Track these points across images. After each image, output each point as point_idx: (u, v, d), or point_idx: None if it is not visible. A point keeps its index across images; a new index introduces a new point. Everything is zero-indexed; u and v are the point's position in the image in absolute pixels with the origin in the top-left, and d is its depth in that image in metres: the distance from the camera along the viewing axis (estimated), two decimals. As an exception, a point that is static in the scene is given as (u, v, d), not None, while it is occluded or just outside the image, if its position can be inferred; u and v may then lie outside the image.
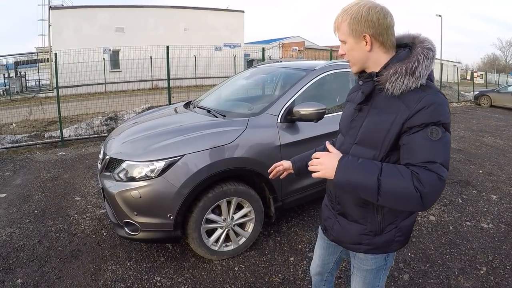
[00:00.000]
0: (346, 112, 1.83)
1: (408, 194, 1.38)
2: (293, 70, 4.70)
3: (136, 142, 3.63)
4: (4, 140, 8.82)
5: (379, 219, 1.69)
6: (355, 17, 1.52)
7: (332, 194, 1.86)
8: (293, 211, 4.70)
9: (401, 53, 1.57)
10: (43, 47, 29.36)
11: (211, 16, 32.30)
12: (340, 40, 1.63)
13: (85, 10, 28.09)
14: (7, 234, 4.20)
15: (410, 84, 1.46)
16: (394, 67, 1.50)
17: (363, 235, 1.73)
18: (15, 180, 6.15)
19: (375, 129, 1.57)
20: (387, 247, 1.74)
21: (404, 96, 1.48)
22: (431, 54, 1.51)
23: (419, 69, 1.47)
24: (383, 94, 1.56)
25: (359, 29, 1.52)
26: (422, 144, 1.42)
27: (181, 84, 15.42)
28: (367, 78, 1.62)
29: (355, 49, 1.58)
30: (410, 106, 1.45)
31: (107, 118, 10.49)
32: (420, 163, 1.41)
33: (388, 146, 1.54)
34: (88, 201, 5.19)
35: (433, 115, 1.42)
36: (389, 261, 1.83)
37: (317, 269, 2.22)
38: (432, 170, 1.39)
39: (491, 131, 11.37)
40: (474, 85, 28.11)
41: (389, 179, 1.41)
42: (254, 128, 3.65)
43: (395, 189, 1.40)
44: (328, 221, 1.92)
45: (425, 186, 1.36)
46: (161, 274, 3.44)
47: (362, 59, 1.61)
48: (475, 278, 3.38)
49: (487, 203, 5.20)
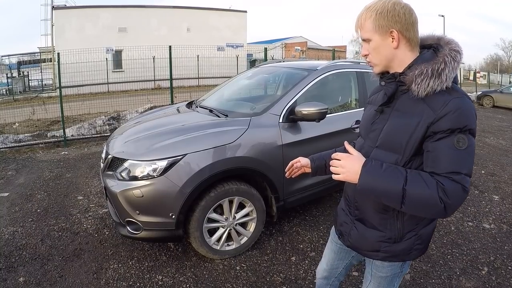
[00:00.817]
0: (366, 115, 1.79)
1: (432, 205, 1.35)
2: (295, 70, 4.70)
3: (138, 142, 3.64)
4: (7, 139, 8.84)
5: (399, 225, 1.63)
6: (381, 13, 1.47)
7: (350, 199, 1.80)
8: (295, 210, 4.71)
9: (426, 54, 1.52)
10: (46, 47, 29.43)
11: (214, 16, 32.33)
12: (363, 39, 1.57)
13: (87, 10, 28.15)
14: (10, 232, 4.22)
15: (436, 86, 1.41)
16: (419, 67, 1.45)
17: (382, 242, 1.67)
18: (18, 179, 6.17)
19: (397, 132, 1.52)
20: (405, 255, 1.68)
21: (429, 98, 1.43)
22: (459, 56, 1.46)
23: (446, 71, 1.42)
24: (406, 96, 1.52)
25: (386, 24, 1.48)
26: (447, 154, 1.38)
27: (183, 84, 15.42)
28: (390, 79, 1.58)
29: (381, 46, 1.53)
30: (435, 109, 1.40)
31: (109, 118, 10.51)
32: (445, 174, 1.37)
33: (411, 151, 1.49)
34: (91, 200, 5.20)
35: (459, 120, 1.37)
36: (404, 268, 1.78)
37: (324, 273, 2.15)
38: (457, 181, 1.36)
39: (493, 132, 11.36)
40: (477, 86, 28.05)
41: (414, 189, 1.36)
42: (256, 127, 3.65)
43: (420, 200, 1.37)
44: (344, 226, 1.86)
45: (449, 198, 1.34)
46: (163, 273, 3.45)
47: (388, 58, 1.55)
48: (476, 278, 3.38)
49: (489, 203, 5.20)
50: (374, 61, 1.59)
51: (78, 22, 27.30)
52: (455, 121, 1.37)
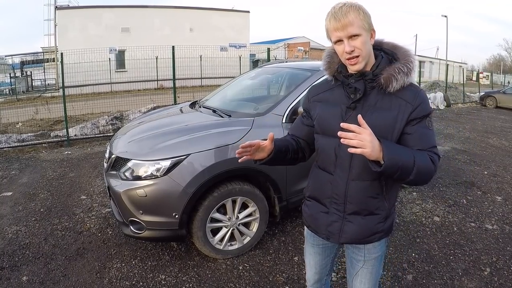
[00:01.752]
0: (330, 113, 1.78)
1: (430, 173, 1.61)
2: (298, 71, 4.71)
3: (142, 141, 3.65)
4: (11, 139, 8.87)
5: (387, 204, 1.79)
6: (366, 13, 1.62)
7: (339, 196, 1.78)
8: (298, 210, 4.69)
9: (382, 55, 1.73)
10: (49, 47, 29.49)
11: (217, 16, 32.37)
12: (351, 34, 1.58)
13: (90, 10, 28.23)
14: (13, 232, 4.24)
15: (406, 82, 1.65)
16: (393, 66, 1.66)
17: (379, 224, 1.79)
18: (21, 179, 6.19)
19: (382, 125, 1.63)
20: (391, 227, 1.88)
21: (400, 93, 1.65)
22: (413, 55, 1.72)
23: (412, 70, 1.66)
24: (375, 92, 1.68)
25: (370, 23, 1.63)
26: (425, 133, 1.65)
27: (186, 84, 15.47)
28: (358, 77, 1.68)
29: (367, 42, 1.63)
30: (411, 101, 1.64)
31: (113, 118, 10.54)
32: (429, 148, 1.64)
33: (396, 138, 1.65)
34: (94, 200, 5.22)
35: (426, 108, 1.66)
36: (387, 244, 1.97)
37: (315, 276, 2.16)
38: (435, 153, 1.65)
39: (496, 132, 11.34)
40: (479, 86, 28.03)
41: (421, 162, 1.56)
42: (259, 128, 3.65)
43: (424, 169, 1.57)
44: (333, 225, 1.83)
45: (435, 165, 1.63)
46: (166, 272, 3.46)
47: (370, 54, 1.68)
48: (479, 279, 3.38)
49: (491, 204, 5.19)
50: (363, 55, 1.63)
51: (81, 22, 27.37)
52: (425, 108, 1.65)
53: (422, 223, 4.49)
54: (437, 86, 21.97)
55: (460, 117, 14.80)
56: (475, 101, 22.14)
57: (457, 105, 20.00)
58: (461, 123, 13.07)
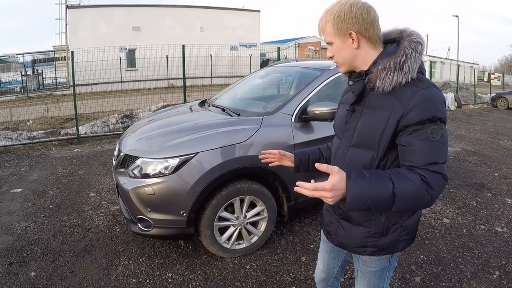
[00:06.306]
0: (339, 115, 1.80)
1: (421, 198, 1.37)
2: (308, 70, 4.69)
3: (151, 139, 3.66)
4: (21, 136, 8.97)
5: (383, 220, 1.64)
6: (338, 16, 1.50)
7: None
8: (306, 210, 4.69)
9: (389, 49, 1.55)
10: (60, 45, 29.67)
11: (227, 15, 32.36)
12: (326, 42, 1.60)
13: (101, 9, 28.36)
14: (22, 228, 4.27)
15: (400, 79, 1.44)
16: (382, 62, 1.48)
17: (368, 238, 1.68)
18: (31, 176, 6.25)
19: (370, 129, 1.54)
20: (393, 247, 1.70)
21: (397, 92, 1.46)
22: (420, 47, 1.49)
23: (408, 63, 1.44)
24: (375, 92, 1.53)
25: (344, 27, 1.50)
26: (423, 146, 1.40)
27: (196, 83, 15.47)
28: (357, 78, 1.60)
29: (343, 48, 1.56)
30: (403, 102, 1.43)
31: (122, 116, 10.59)
32: (424, 166, 1.39)
33: (385, 146, 1.51)
34: (103, 197, 5.25)
35: (428, 111, 1.40)
36: (393, 261, 1.79)
37: (322, 275, 2.16)
38: (436, 172, 1.39)
39: (507, 134, 11.21)
40: (491, 87, 27.75)
41: (403, 188, 1.35)
42: (268, 127, 3.65)
43: (410, 197, 1.36)
44: (331, 226, 1.86)
45: (434, 189, 1.37)
46: (173, 270, 3.47)
47: (351, 58, 1.58)
48: (487, 282, 3.34)
49: (502, 206, 5.13)
50: (339, 61, 1.62)
51: (92, 21, 27.51)
52: (424, 112, 1.39)
53: (431, 224, 4.45)
54: (448, 87, 21.80)
55: (471, 118, 14.67)
56: (486, 102, 21.92)
57: (468, 106, 19.84)
58: (472, 124, 12.95)
